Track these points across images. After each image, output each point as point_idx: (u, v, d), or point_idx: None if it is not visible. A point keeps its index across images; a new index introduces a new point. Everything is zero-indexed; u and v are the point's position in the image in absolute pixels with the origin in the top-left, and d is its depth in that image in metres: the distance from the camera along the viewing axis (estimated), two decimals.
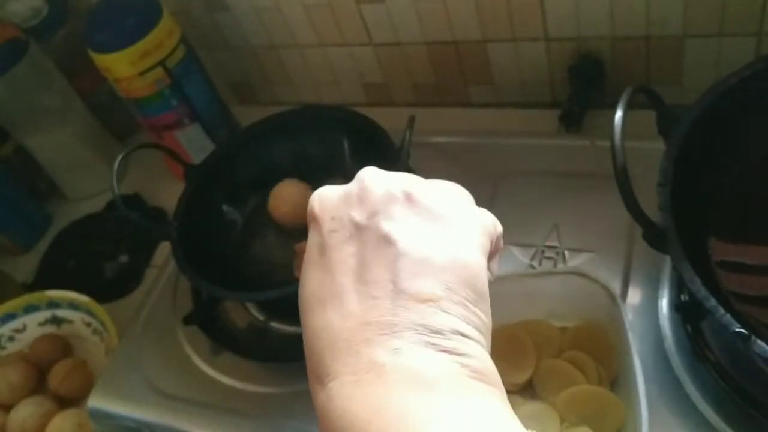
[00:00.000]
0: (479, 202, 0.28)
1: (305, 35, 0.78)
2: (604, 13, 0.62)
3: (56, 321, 0.75)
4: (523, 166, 0.67)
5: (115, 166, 0.61)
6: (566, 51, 0.67)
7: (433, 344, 0.24)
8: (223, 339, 0.64)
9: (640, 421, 0.42)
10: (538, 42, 0.68)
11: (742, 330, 0.38)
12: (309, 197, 0.30)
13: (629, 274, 0.55)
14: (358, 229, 0.27)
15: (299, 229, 0.64)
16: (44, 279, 0.81)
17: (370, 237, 0.26)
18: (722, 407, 0.46)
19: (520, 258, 0.59)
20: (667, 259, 0.53)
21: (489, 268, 0.29)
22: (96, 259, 0.80)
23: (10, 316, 0.75)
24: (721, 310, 0.39)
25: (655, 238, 0.44)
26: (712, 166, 0.50)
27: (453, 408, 0.22)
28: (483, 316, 0.26)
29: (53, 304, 0.74)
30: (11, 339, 0.75)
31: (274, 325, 0.65)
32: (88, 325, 0.73)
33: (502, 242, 0.31)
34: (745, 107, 0.49)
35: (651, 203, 0.44)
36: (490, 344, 0.26)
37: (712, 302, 0.40)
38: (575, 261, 0.58)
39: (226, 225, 0.69)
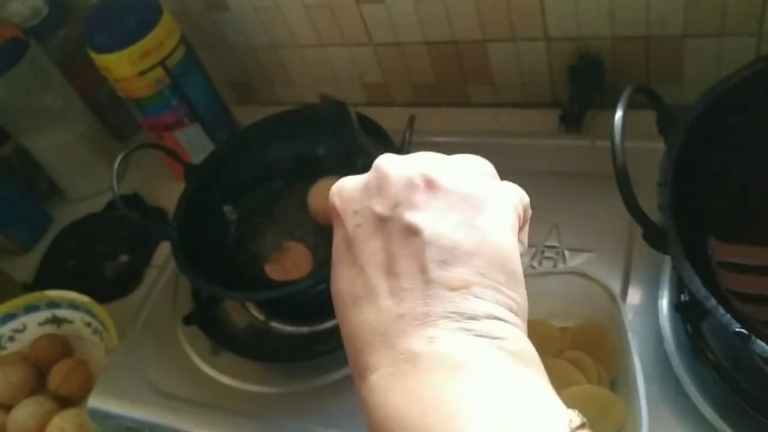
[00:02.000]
0: None
1: (305, 35, 0.78)
2: (604, 13, 0.62)
3: (56, 321, 0.75)
4: (523, 166, 0.67)
5: (115, 166, 0.61)
6: (566, 51, 0.67)
7: (467, 330, 0.23)
8: (223, 339, 0.64)
9: (640, 421, 0.42)
10: (538, 42, 0.68)
11: (742, 330, 0.38)
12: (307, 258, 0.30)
13: (629, 274, 0.55)
14: (382, 221, 0.26)
15: None
16: (44, 279, 0.81)
17: (394, 228, 0.26)
18: (722, 407, 0.46)
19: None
20: (667, 259, 0.53)
21: (519, 240, 0.28)
22: (96, 259, 0.80)
23: (10, 316, 0.75)
24: (721, 310, 0.40)
25: (655, 238, 0.44)
26: (712, 166, 0.50)
27: (489, 391, 0.22)
28: (518, 297, 0.26)
29: (53, 304, 0.74)
30: (11, 339, 0.75)
31: (274, 324, 0.65)
32: (88, 325, 0.73)
33: (530, 211, 0.31)
34: (746, 107, 0.49)
35: (651, 203, 0.44)
36: (526, 324, 0.26)
37: (712, 302, 0.40)
38: (575, 261, 0.58)
39: (226, 225, 0.69)
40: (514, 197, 0.28)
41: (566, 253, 0.58)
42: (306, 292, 0.56)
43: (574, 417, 0.22)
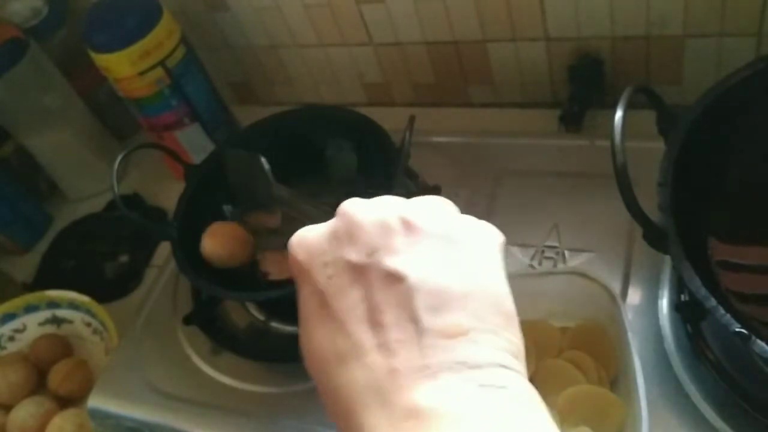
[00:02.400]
0: (479, 202, 0.27)
1: (305, 35, 0.78)
2: (604, 13, 0.62)
3: (56, 321, 0.75)
4: (523, 166, 0.67)
5: (115, 166, 0.61)
6: (566, 51, 0.67)
7: (471, 380, 0.22)
8: (223, 339, 0.64)
9: (640, 421, 0.42)
10: (538, 42, 0.68)
11: (742, 330, 0.38)
12: (242, 237, 0.27)
13: (629, 274, 0.56)
14: (359, 270, 0.24)
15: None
16: (44, 279, 0.81)
17: (374, 277, 0.24)
18: (722, 407, 0.46)
19: (520, 258, 0.59)
20: (667, 259, 0.53)
21: None
22: (96, 259, 0.80)
23: (10, 316, 0.75)
24: (721, 310, 0.39)
25: (655, 237, 0.44)
26: (712, 166, 0.50)
27: None
28: (516, 339, 0.24)
29: (53, 304, 0.74)
30: (11, 339, 0.75)
31: (274, 324, 0.65)
32: (88, 325, 0.73)
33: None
34: (746, 107, 0.49)
35: (651, 203, 0.44)
36: (525, 366, 0.24)
37: (712, 302, 0.40)
38: (575, 261, 0.58)
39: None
40: (495, 234, 0.26)
41: (566, 253, 0.58)
42: None
43: None
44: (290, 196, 0.56)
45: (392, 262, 0.24)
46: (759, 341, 0.38)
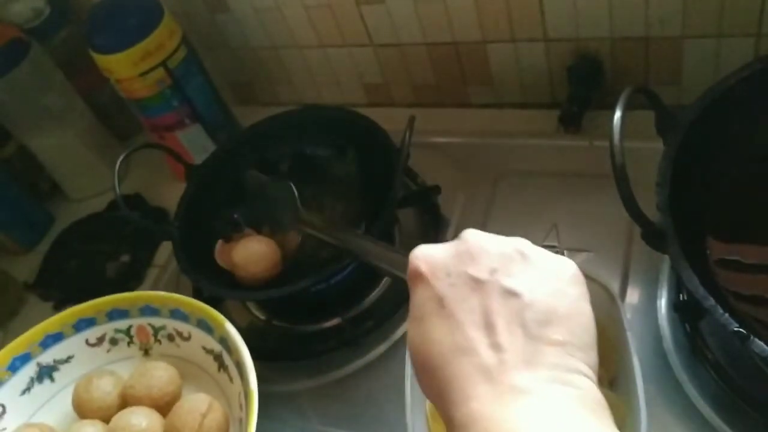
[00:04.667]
0: (479, 202, 0.28)
1: (306, 36, 0.78)
2: (603, 13, 0.63)
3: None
4: (523, 166, 0.67)
5: (117, 166, 0.61)
6: (565, 52, 0.68)
7: (559, 379, 0.27)
8: None
9: (639, 421, 0.42)
10: (537, 43, 0.68)
11: (741, 329, 0.39)
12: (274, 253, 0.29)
13: (628, 273, 0.56)
14: (479, 284, 0.30)
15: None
16: (46, 279, 0.81)
17: (493, 290, 0.29)
18: (721, 406, 0.46)
19: None
20: (666, 258, 0.53)
21: None
22: (97, 258, 0.81)
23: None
24: (720, 310, 0.40)
25: (653, 237, 0.44)
26: (711, 166, 0.50)
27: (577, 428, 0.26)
28: (595, 358, 0.30)
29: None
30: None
31: (276, 323, 0.65)
32: None
33: None
34: (744, 108, 0.49)
35: (649, 203, 0.45)
36: (597, 380, 0.29)
37: (711, 301, 0.40)
38: (574, 260, 0.58)
39: (227, 225, 0.69)
40: (576, 267, 0.32)
41: (565, 252, 0.59)
42: (307, 291, 0.56)
43: None
44: (319, 222, 0.57)
45: (510, 282, 0.30)
46: (757, 340, 0.38)
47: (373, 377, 0.57)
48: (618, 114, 0.42)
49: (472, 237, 0.32)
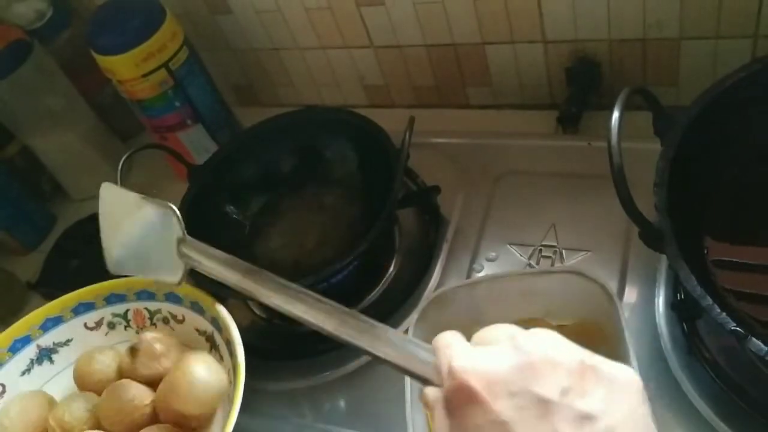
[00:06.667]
0: (478, 202, 0.28)
1: (306, 38, 0.78)
2: (602, 15, 0.63)
3: None
4: (522, 167, 0.67)
5: (119, 166, 0.62)
6: (564, 53, 0.68)
7: None
8: None
9: None
10: (536, 44, 0.68)
11: (738, 328, 0.39)
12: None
13: (626, 273, 0.56)
14: (549, 407, 0.26)
15: None
16: (48, 278, 0.82)
17: (567, 416, 0.26)
18: (718, 405, 0.46)
19: (518, 257, 0.59)
20: (664, 258, 0.53)
21: None
22: (99, 258, 0.81)
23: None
24: (717, 309, 0.40)
25: (651, 237, 0.44)
26: (708, 166, 0.50)
27: None
28: None
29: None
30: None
31: (277, 323, 0.65)
32: None
33: None
34: (741, 108, 0.49)
35: (647, 203, 0.45)
36: None
37: (708, 301, 0.40)
38: (573, 260, 0.58)
39: (228, 225, 0.70)
40: (639, 380, 0.29)
41: (564, 252, 0.59)
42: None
43: None
44: (201, 253, 0.47)
45: (584, 404, 0.26)
46: (755, 339, 0.38)
47: (372, 376, 0.58)
48: (616, 115, 0.42)
49: (532, 345, 0.27)
